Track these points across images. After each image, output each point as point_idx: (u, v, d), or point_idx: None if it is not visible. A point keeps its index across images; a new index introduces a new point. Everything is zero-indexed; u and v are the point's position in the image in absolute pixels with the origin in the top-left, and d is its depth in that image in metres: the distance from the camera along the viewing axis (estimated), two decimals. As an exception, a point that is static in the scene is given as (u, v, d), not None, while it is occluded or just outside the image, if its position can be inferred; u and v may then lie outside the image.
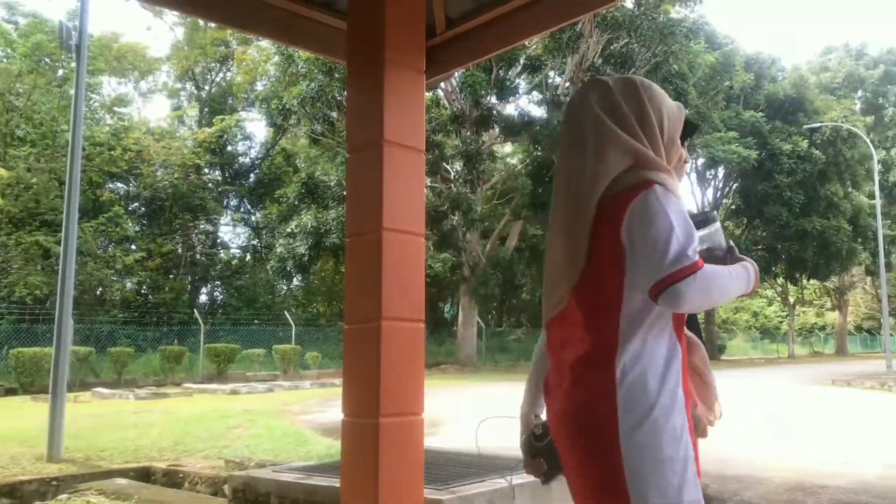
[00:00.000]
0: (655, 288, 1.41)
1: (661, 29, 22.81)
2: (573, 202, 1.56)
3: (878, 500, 5.15)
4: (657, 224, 1.43)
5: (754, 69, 33.49)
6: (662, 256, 1.40)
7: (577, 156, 1.59)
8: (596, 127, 1.57)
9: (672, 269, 1.39)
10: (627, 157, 1.53)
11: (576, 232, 1.53)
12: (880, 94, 43.72)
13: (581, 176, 1.55)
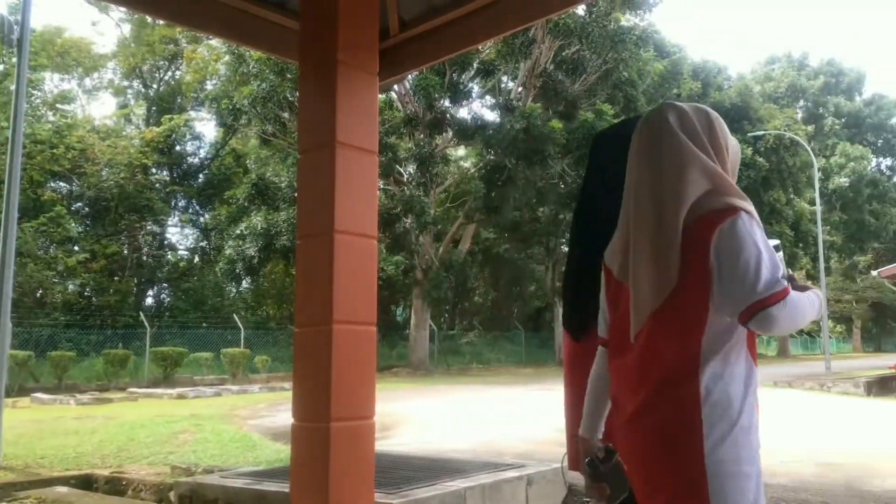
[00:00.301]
0: (748, 311, 1.46)
1: (612, 36, 23.19)
2: (654, 222, 1.58)
3: (815, 498, 5.31)
4: (747, 250, 1.48)
5: (701, 77, 34.27)
6: (755, 282, 1.45)
7: (654, 173, 1.62)
8: (676, 148, 1.61)
9: (765, 295, 1.45)
10: (706, 181, 1.58)
11: (663, 256, 1.55)
12: (820, 104, 45.22)
13: (660, 195, 1.59)
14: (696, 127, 1.65)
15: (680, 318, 1.53)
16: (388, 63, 3.39)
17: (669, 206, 1.56)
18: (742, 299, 1.46)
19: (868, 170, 43.23)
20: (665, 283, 1.54)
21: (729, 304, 1.49)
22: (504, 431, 9.23)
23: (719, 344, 1.52)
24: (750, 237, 1.50)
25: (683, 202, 1.55)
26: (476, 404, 13.14)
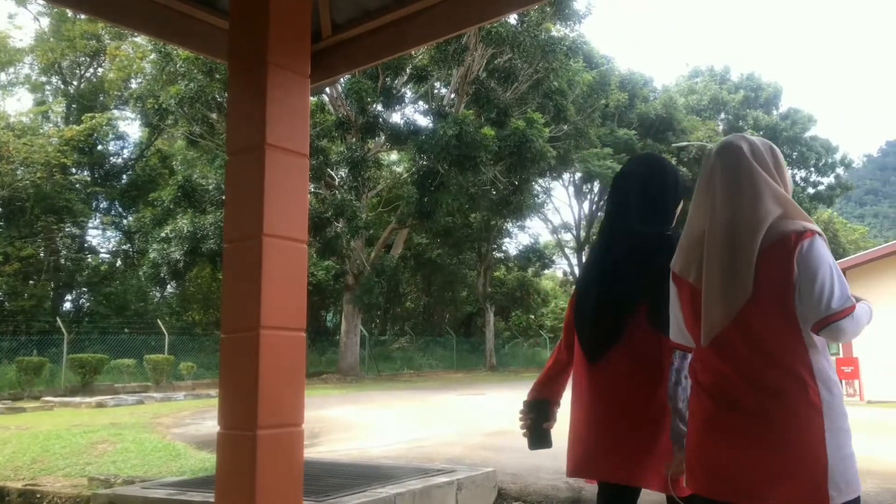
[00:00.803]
0: (821, 322, 1.70)
1: (543, 46, 23.57)
2: (736, 236, 1.79)
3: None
4: (823, 269, 1.71)
5: (628, 89, 35.18)
6: (830, 298, 1.69)
7: (732, 199, 1.84)
8: (752, 176, 1.85)
9: (837, 309, 1.69)
10: (778, 207, 1.80)
11: (738, 269, 1.76)
12: (740, 117, 47.00)
13: (738, 218, 1.81)
14: (766, 158, 1.90)
15: (764, 324, 1.76)
16: (320, 65, 3.35)
17: (747, 229, 1.78)
18: (818, 312, 1.70)
19: (784, 181, 45.26)
20: (741, 294, 1.75)
21: (805, 312, 1.73)
22: (435, 437, 9.24)
23: (814, 347, 1.76)
24: (825, 258, 1.73)
25: (761, 226, 1.77)
26: (407, 410, 13.11)
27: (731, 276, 1.77)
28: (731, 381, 1.79)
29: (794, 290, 1.73)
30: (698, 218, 1.92)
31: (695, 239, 1.91)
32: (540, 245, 36.99)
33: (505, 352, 36.00)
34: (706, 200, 1.90)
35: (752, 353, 1.77)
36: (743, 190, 1.83)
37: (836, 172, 49.58)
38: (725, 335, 1.79)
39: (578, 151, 29.18)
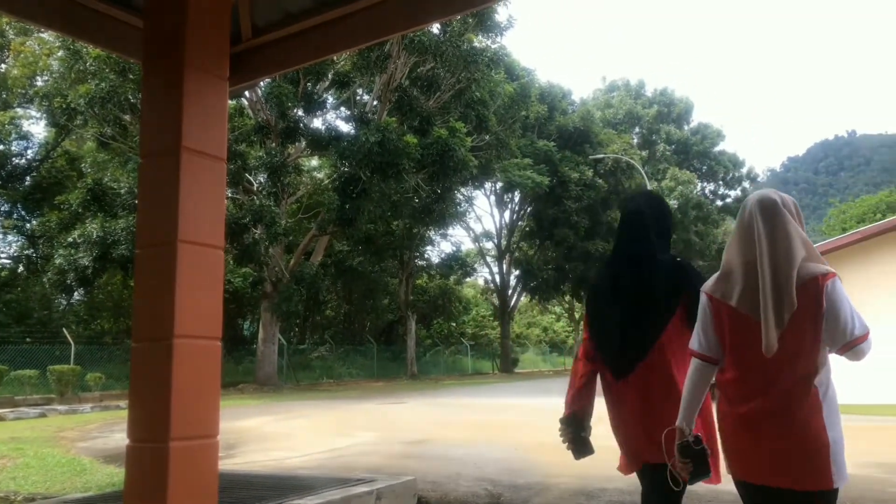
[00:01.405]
0: (848, 346, 2.20)
1: (465, 56, 23.80)
2: (780, 269, 2.24)
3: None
4: (845, 305, 2.20)
5: (548, 101, 35.92)
6: (853, 327, 2.18)
7: (773, 242, 2.29)
8: (786, 225, 2.31)
9: (859, 335, 2.19)
10: (804, 249, 2.27)
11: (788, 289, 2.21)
12: (654, 131, 48.70)
13: (777, 257, 2.26)
14: (793, 209, 2.37)
15: (796, 344, 2.21)
16: (240, 68, 3.29)
17: (785, 265, 2.24)
18: (844, 338, 2.19)
19: (694, 193, 47.02)
20: (791, 311, 2.19)
21: (832, 340, 2.21)
22: (354, 446, 9.15)
23: (824, 363, 2.23)
24: (845, 294, 2.22)
25: (795, 262, 2.24)
26: (326, 419, 12.94)
27: (785, 298, 2.21)
28: (767, 387, 2.25)
29: (823, 320, 2.20)
30: (736, 255, 2.39)
31: (735, 271, 2.38)
32: (462, 253, 37.27)
33: (426, 360, 36.04)
34: (749, 240, 2.35)
35: (786, 368, 2.22)
36: (779, 234, 2.30)
37: (743, 186, 51.92)
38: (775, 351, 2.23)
39: (500, 161, 29.58)
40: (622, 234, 2.95)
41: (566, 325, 54.08)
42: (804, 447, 2.18)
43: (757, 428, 2.25)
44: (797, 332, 2.20)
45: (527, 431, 10.91)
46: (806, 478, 2.18)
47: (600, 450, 3.22)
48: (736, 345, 2.32)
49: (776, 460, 2.22)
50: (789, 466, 2.20)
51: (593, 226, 35.63)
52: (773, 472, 2.23)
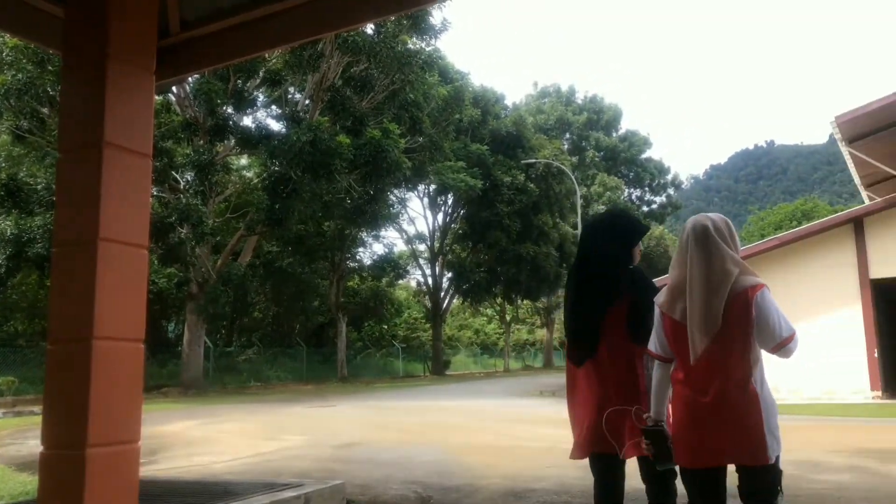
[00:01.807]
0: (776, 347, 2.62)
1: (399, 58, 23.77)
2: (708, 289, 2.61)
3: (577, 500, 5.75)
4: (772, 311, 2.60)
5: (481, 105, 36.21)
6: (780, 331, 2.60)
7: (707, 264, 2.65)
8: (718, 248, 2.67)
9: (786, 337, 2.60)
10: (736, 267, 2.65)
11: (712, 308, 2.59)
12: (584, 137, 49.73)
13: (711, 276, 2.63)
14: (725, 231, 2.73)
15: (728, 346, 2.60)
16: (167, 62, 3.19)
17: (718, 284, 2.61)
18: (773, 340, 2.60)
19: (621, 199, 48.22)
20: (714, 326, 2.59)
21: (763, 342, 2.62)
22: (282, 450, 9.00)
23: (757, 361, 2.63)
24: (772, 302, 2.62)
25: (728, 281, 2.60)
26: (253, 423, 12.69)
27: (707, 317, 2.59)
28: (706, 386, 2.63)
29: (753, 326, 2.59)
30: (677, 274, 2.74)
31: (676, 288, 2.73)
32: (394, 255, 37.18)
33: (357, 362, 35.79)
34: (684, 263, 2.72)
35: (721, 367, 2.61)
36: (710, 257, 2.66)
37: (668, 192, 53.50)
38: (703, 354, 2.61)
39: (433, 164, 29.64)
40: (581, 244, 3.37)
41: (497, 327, 54.58)
42: (745, 434, 2.58)
43: (701, 420, 2.64)
44: (728, 340, 2.60)
45: (457, 433, 10.95)
46: (748, 456, 2.60)
47: (529, 450, 3.27)
48: (678, 350, 2.73)
49: (718, 446, 2.61)
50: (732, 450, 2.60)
51: (525, 229, 36.07)
52: (715, 456, 2.63)
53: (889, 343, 17.86)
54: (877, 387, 15.97)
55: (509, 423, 12.55)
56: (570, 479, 6.55)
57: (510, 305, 47.35)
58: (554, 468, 7.19)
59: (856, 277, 16.50)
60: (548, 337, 52.69)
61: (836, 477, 6.42)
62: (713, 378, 2.61)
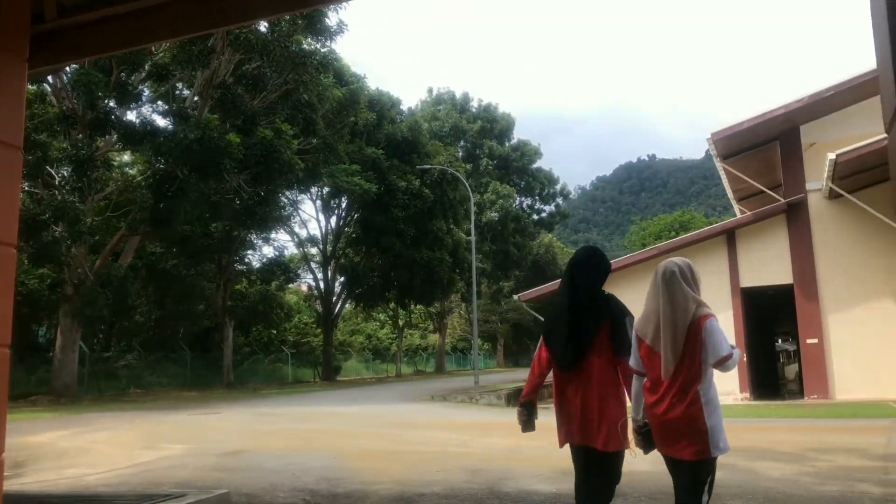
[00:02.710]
0: (718, 363, 3.36)
1: (293, 58, 23.38)
2: (673, 323, 3.39)
3: (465, 503, 5.81)
4: (716, 335, 3.36)
5: (377, 109, 36.11)
6: (720, 350, 3.34)
7: (671, 301, 3.43)
8: (681, 289, 3.45)
9: (724, 355, 3.34)
10: (693, 304, 3.41)
11: (677, 337, 3.37)
12: (477, 145, 50.54)
13: (675, 312, 3.40)
14: (687, 274, 3.50)
15: (689, 365, 3.37)
16: (42, 50, 3.00)
17: (682, 318, 3.39)
18: (715, 357, 3.36)
19: (513, 207, 49.31)
20: (678, 353, 3.37)
21: (710, 359, 3.37)
22: (162, 460, 8.63)
23: (707, 375, 3.40)
24: (716, 327, 3.39)
25: (687, 316, 3.39)
26: (131, 432, 12.10)
27: (674, 344, 3.37)
28: (668, 397, 3.40)
29: (703, 348, 3.35)
30: (650, 305, 3.52)
31: (649, 316, 3.50)
32: (285, 258, 36.46)
33: (244, 368, 34.81)
34: (656, 297, 3.50)
35: (682, 383, 3.37)
36: (674, 297, 3.43)
37: (557, 202, 55.14)
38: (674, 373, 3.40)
39: (327, 166, 29.28)
40: (570, 275, 4.03)
41: (390, 332, 54.53)
42: (690, 432, 3.33)
43: (661, 420, 3.43)
44: (685, 360, 3.38)
45: (347, 439, 10.85)
46: (692, 451, 3.33)
47: (419, 455, 3.27)
48: (648, 366, 3.52)
49: (673, 440, 3.40)
50: (682, 444, 3.35)
51: (420, 234, 36.21)
52: (673, 448, 3.42)
53: (756, 348, 19.08)
54: (745, 389, 17.03)
55: (400, 428, 12.54)
56: (459, 484, 6.62)
57: (403, 310, 47.40)
58: (443, 473, 7.24)
59: (728, 286, 17.55)
60: (441, 342, 53.11)
61: (708, 474, 6.78)
62: (671, 388, 3.40)
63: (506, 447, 9.45)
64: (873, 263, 16.32)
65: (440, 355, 53.32)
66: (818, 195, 17.06)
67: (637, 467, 7.28)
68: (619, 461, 3.87)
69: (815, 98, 16.80)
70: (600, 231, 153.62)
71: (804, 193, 17.28)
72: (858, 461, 7.48)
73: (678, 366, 3.36)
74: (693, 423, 3.31)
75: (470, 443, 10.12)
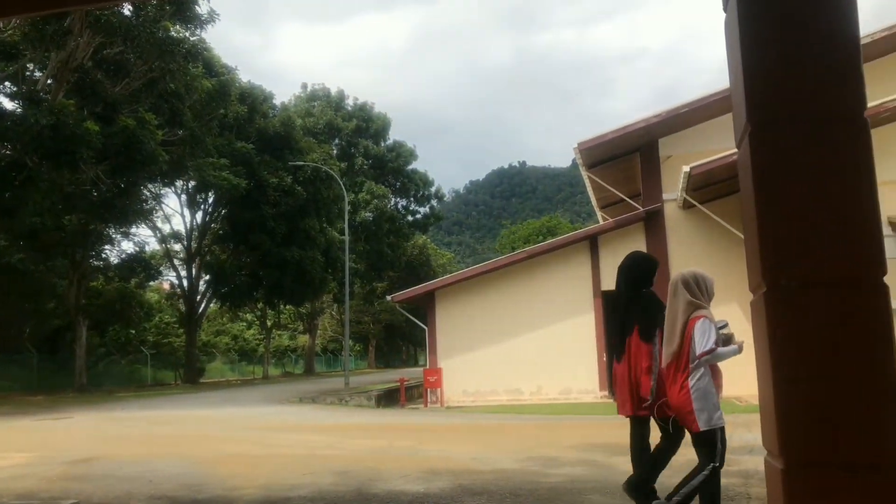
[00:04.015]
0: (702, 355, 4.24)
1: (160, 44, 22.32)
2: (671, 322, 4.39)
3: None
4: (697, 335, 4.25)
5: (248, 102, 35.04)
6: (699, 348, 4.24)
7: (674, 304, 4.39)
8: (684, 294, 4.36)
9: (699, 353, 4.25)
10: (691, 307, 4.33)
11: (676, 334, 4.34)
12: (353, 144, 50.12)
13: (677, 314, 4.37)
14: (691, 284, 4.38)
15: (683, 357, 4.32)
16: None
17: (679, 315, 4.35)
18: (695, 354, 4.24)
19: (388, 207, 49.24)
20: (673, 348, 4.36)
21: (696, 353, 4.24)
22: (3, 469, 7.96)
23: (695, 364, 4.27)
24: (701, 328, 4.25)
25: (685, 314, 4.32)
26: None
27: (670, 340, 4.39)
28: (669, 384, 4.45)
29: (690, 344, 4.28)
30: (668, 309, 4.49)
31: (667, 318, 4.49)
32: (146, 254, 34.70)
33: (99, 370, 32.80)
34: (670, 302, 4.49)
35: (673, 370, 4.38)
36: (677, 300, 4.38)
37: (431, 204, 55.66)
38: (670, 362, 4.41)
39: (194, 159, 28.10)
40: (619, 277, 5.01)
41: (258, 333, 53.08)
42: (681, 411, 4.34)
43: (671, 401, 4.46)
44: (683, 353, 4.32)
45: (210, 443, 10.45)
46: (689, 426, 4.34)
47: (286, 458, 3.18)
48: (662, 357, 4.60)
49: (680, 417, 4.40)
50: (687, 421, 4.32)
51: (291, 233, 35.44)
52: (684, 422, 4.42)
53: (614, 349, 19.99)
54: (604, 387, 17.86)
55: (266, 431, 12.23)
56: (327, 486, 6.53)
57: (272, 310, 46.25)
58: (311, 475, 7.12)
59: (590, 289, 18.35)
60: (310, 343, 52.24)
61: (570, 470, 7.06)
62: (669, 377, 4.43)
63: (375, 448, 9.43)
64: (722, 270, 17.52)
65: (310, 357, 52.47)
66: (673, 205, 18.17)
67: (501, 465, 7.46)
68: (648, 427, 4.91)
69: (673, 113, 17.91)
70: (473, 234, 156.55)
71: (661, 203, 18.35)
72: (704, 454, 8.01)
73: (674, 358, 4.33)
74: (682, 404, 4.29)
75: (338, 445, 10.01)
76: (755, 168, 1.63)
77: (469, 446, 9.44)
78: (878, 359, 1.53)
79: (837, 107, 1.62)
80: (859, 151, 1.60)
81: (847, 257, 1.57)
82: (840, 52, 1.62)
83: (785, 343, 1.56)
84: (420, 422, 13.89)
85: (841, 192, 1.59)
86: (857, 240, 1.57)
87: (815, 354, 1.54)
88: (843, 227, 1.58)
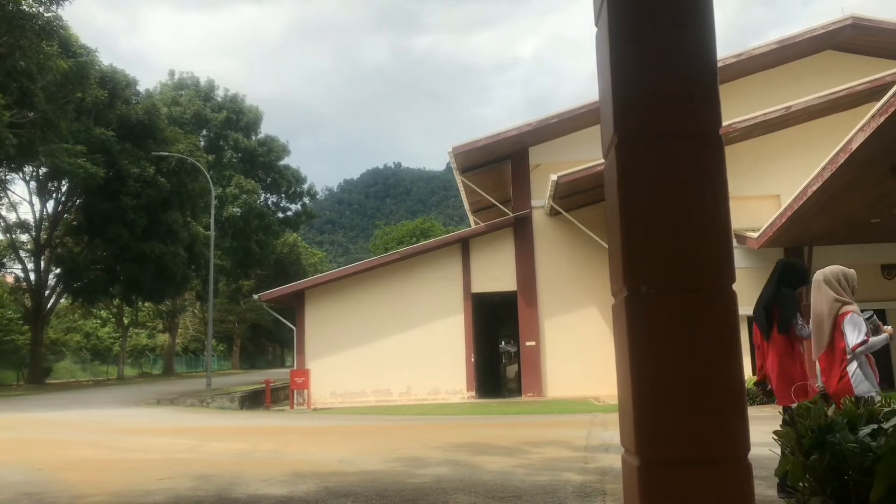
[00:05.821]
0: (856, 347, 4.71)
1: (10, 18, 20.66)
2: (820, 319, 4.88)
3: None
4: (848, 328, 4.74)
5: (109, 87, 33.02)
6: (849, 340, 4.74)
7: (820, 302, 4.86)
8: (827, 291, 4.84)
9: (860, 341, 4.72)
10: (837, 303, 4.80)
11: (825, 331, 4.85)
12: (222, 136, 48.35)
13: (823, 309, 4.86)
14: (833, 280, 4.84)
15: (836, 349, 4.83)
16: None
17: (825, 314, 4.84)
18: (849, 345, 4.72)
19: (258, 203, 47.82)
20: (822, 341, 4.88)
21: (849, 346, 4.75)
22: None
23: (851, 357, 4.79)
24: (849, 323, 4.74)
25: (833, 312, 4.80)
26: None
27: (818, 334, 4.86)
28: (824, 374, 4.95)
29: (843, 337, 4.72)
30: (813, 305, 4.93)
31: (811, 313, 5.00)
32: (-13, 245, 31.93)
33: (-74, 370, 29.83)
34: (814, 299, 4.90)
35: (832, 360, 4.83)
36: (822, 297, 4.80)
37: (304, 201, 54.65)
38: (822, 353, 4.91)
39: (46, 144, 26.13)
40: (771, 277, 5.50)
41: (112, 330, 50.10)
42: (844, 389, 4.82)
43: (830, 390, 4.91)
44: (834, 346, 4.80)
45: (56, 448, 9.77)
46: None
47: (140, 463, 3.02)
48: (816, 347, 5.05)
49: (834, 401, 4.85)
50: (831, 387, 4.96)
51: (152, 226, 33.67)
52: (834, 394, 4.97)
53: (481, 350, 20.50)
54: (471, 388, 18.22)
55: (119, 434, 11.58)
56: (185, 491, 6.26)
57: (129, 307, 43.77)
58: (167, 480, 6.80)
59: (461, 290, 18.67)
60: (170, 342, 49.90)
61: (437, 470, 7.13)
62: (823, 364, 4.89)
63: (237, 452, 9.14)
64: (584, 275, 18.35)
65: (169, 356, 50.12)
66: (541, 211, 18.82)
67: (368, 467, 7.44)
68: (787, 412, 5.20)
69: (543, 123, 18.55)
70: (346, 233, 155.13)
71: (529, 209, 18.96)
72: (565, 453, 8.35)
73: (827, 350, 4.78)
74: (848, 394, 4.56)
75: (198, 448, 9.61)
76: (620, 179, 1.71)
77: (336, 448, 9.35)
78: (726, 361, 1.64)
79: (696, 124, 1.72)
80: (715, 167, 1.71)
81: (701, 266, 1.67)
82: (700, 73, 1.73)
83: (643, 345, 1.65)
84: (285, 424, 13.61)
85: (698, 205, 1.69)
86: (710, 250, 1.68)
87: (670, 356, 1.64)
88: (698, 237, 1.68)
